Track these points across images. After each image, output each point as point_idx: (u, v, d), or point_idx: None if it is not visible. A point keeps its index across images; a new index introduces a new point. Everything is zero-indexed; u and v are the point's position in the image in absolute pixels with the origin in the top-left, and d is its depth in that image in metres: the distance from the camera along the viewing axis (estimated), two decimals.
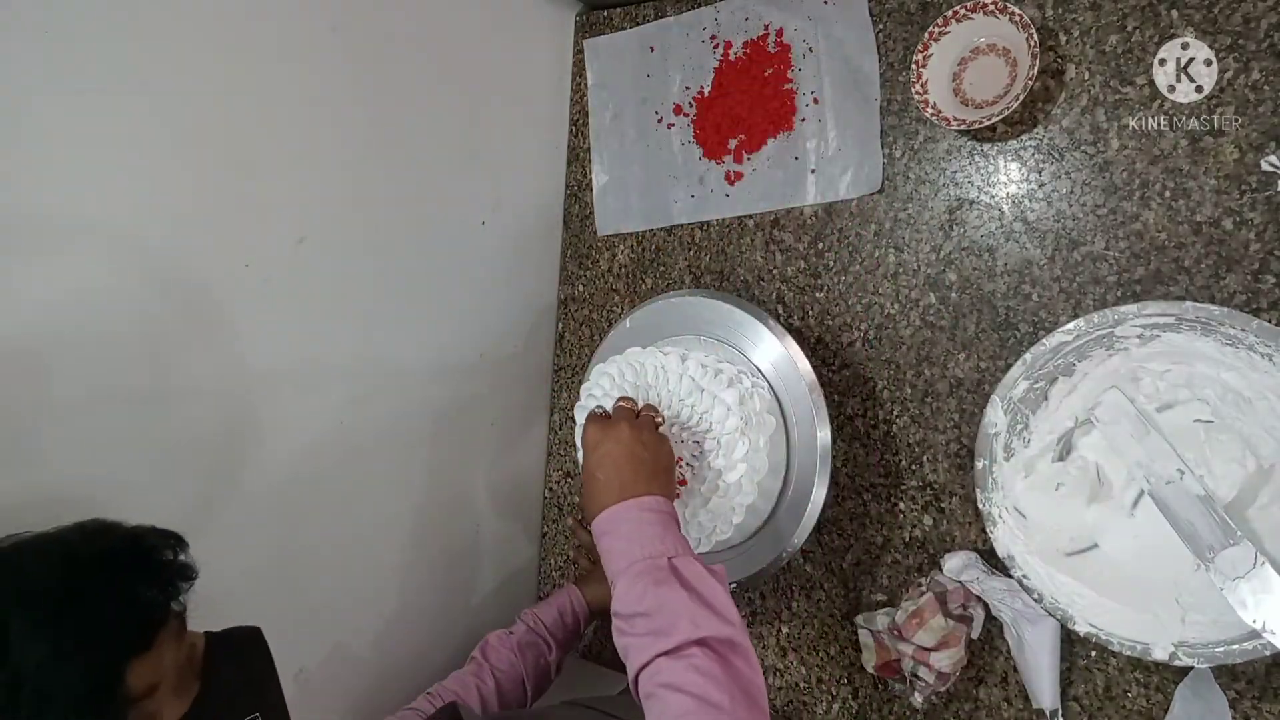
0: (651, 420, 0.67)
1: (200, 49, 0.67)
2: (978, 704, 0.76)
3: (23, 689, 0.41)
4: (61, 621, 0.43)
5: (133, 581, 0.47)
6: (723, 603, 0.55)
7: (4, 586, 0.44)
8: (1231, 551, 0.60)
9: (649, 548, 0.57)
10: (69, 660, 0.43)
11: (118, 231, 0.63)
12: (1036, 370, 0.68)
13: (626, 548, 0.58)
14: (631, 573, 0.56)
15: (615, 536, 0.59)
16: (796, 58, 0.89)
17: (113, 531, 0.49)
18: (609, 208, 1.05)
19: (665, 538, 0.58)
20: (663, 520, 0.59)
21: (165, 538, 0.50)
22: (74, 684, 0.43)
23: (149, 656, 0.46)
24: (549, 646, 0.86)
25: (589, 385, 0.78)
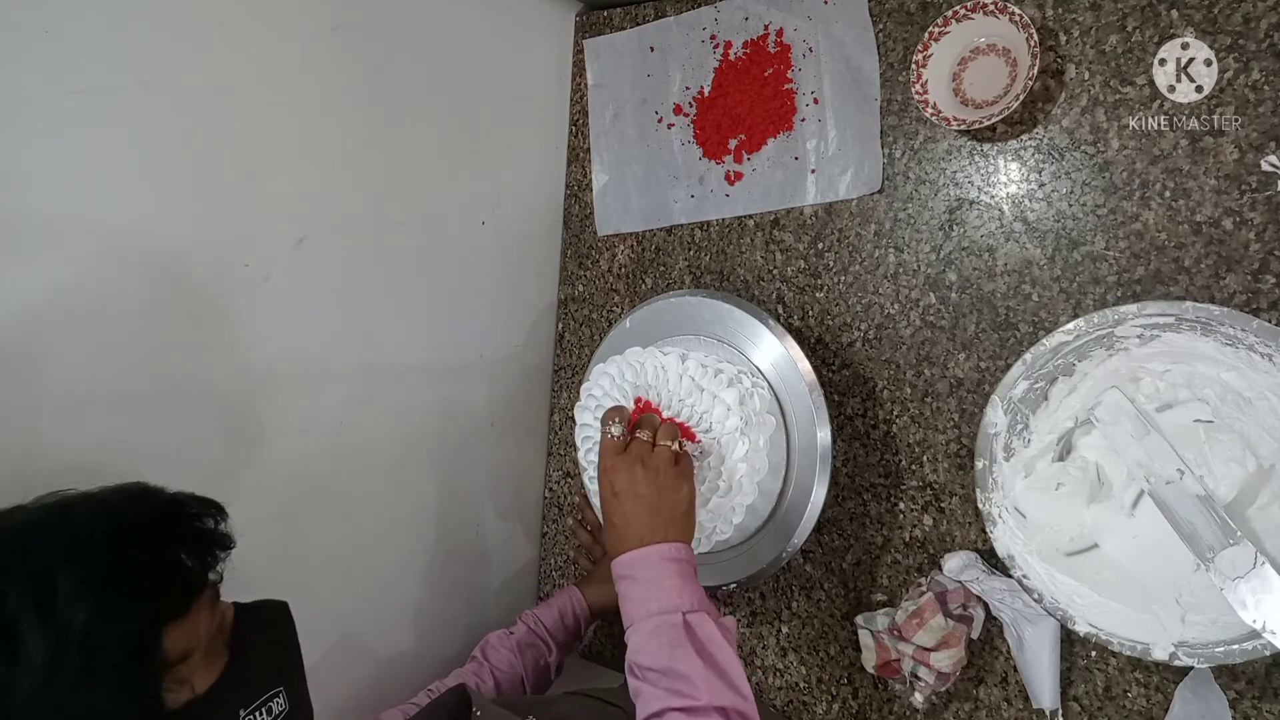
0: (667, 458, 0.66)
1: (200, 49, 0.67)
2: (978, 704, 0.76)
3: (68, 646, 0.41)
4: (108, 582, 0.43)
5: (175, 547, 0.48)
6: (735, 672, 0.57)
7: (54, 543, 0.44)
8: (1231, 551, 0.60)
9: (665, 600, 0.59)
10: (114, 621, 0.43)
11: (118, 231, 0.63)
12: (1036, 370, 0.68)
13: (644, 597, 0.60)
14: (648, 627, 0.58)
15: (633, 583, 0.61)
16: (796, 58, 0.89)
17: (155, 495, 0.50)
18: (609, 208, 1.05)
19: (684, 590, 0.60)
20: (681, 570, 0.61)
21: (206, 505, 0.50)
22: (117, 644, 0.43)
23: (185, 622, 0.47)
24: (549, 647, 0.86)
25: (589, 385, 0.78)
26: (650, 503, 0.63)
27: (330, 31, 0.77)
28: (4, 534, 0.44)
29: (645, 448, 0.66)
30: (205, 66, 0.68)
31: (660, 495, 0.63)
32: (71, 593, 0.42)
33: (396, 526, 0.92)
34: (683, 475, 0.65)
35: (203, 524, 0.50)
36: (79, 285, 0.62)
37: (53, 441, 0.60)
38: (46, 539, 0.44)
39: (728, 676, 0.56)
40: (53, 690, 0.40)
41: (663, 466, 0.64)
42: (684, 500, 0.64)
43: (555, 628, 0.87)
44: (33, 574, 0.42)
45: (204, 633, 0.49)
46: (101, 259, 0.63)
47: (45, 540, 0.44)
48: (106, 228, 0.63)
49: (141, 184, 0.65)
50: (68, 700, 0.41)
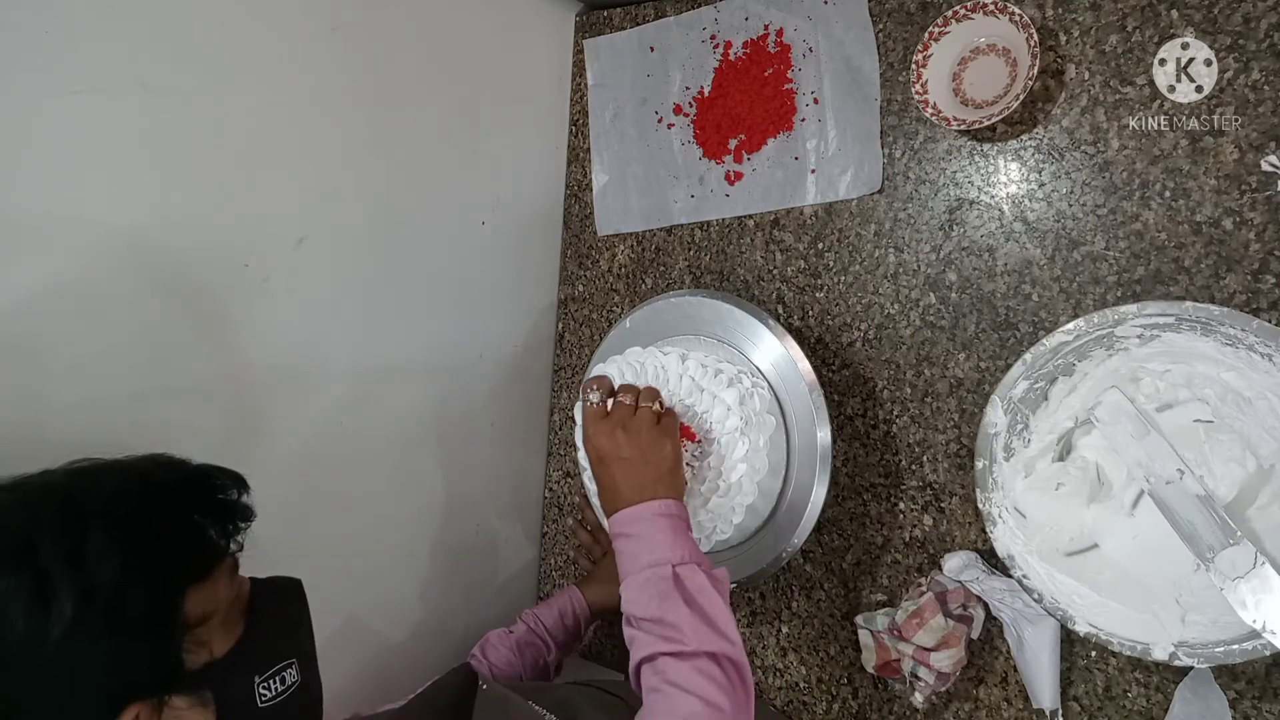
0: (649, 417, 0.67)
1: (200, 49, 0.67)
2: (978, 704, 0.76)
3: (96, 599, 0.42)
4: (135, 540, 0.45)
5: (199, 515, 0.49)
6: (723, 619, 0.59)
7: (87, 500, 0.45)
8: (1231, 551, 0.60)
9: (657, 554, 0.61)
10: (139, 579, 0.44)
11: (118, 231, 0.63)
12: (1036, 370, 0.68)
13: (636, 552, 0.62)
14: (639, 580, 0.60)
15: (627, 539, 0.63)
16: (796, 58, 0.89)
17: (182, 465, 0.51)
18: (609, 208, 1.05)
19: (675, 544, 0.62)
20: (672, 525, 0.63)
21: (230, 477, 0.52)
22: (141, 601, 0.44)
23: (206, 587, 0.48)
24: (548, 647, 0.86)
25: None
26: (635, 463, 0.65)
27: (330, 31, 0.77)
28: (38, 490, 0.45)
29: (627, 411, 0.68)
30: (205, 66, 0.68)
31: (644, 455, 0.65)
32: (101, 549, 0.43)
33: (396, 526, 0.92)
34: (665, 433, 0.67)
35: (226, 495, 0.51)
36: (79, 285, 0.61)
37: (53, 441, 0.60)
38: (78, 497, 0.45)
39: (715, 624, 0.58)
40: (80, 641, 0.42)
41: (644, 427, 0.66)
42: (669, 458, 0.66)
43: (555, 627, 0.87)
44: (65, 528, 0.43)
45: (223, 599, 0.50)
46: (101, 259, 0.63)
47: (77, 498, 0.45)
48: (106, 228, 0.63)
49: (142, 184, 0.65)
50: (93, 651, 0.42)
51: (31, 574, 0.41)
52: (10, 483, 0.46)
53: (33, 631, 0.40)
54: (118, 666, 0.44)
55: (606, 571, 0.92)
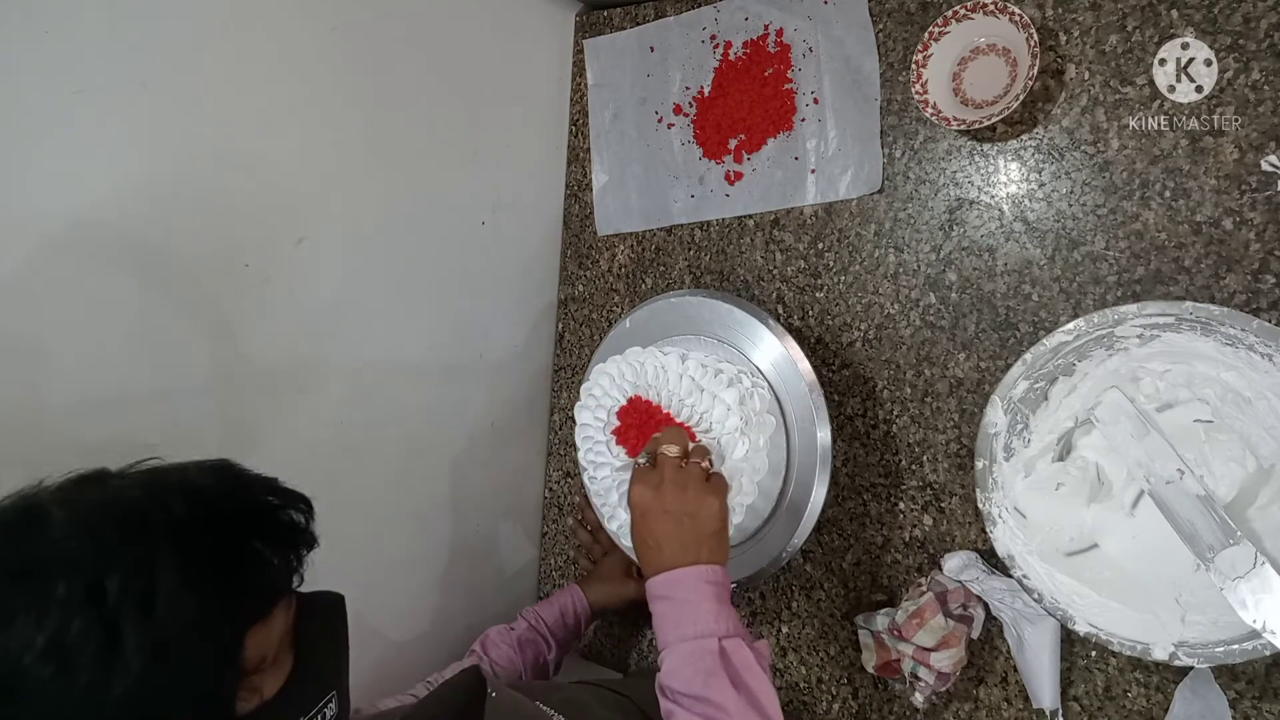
0: (699, 473, 0.65)
1: (200, 49, 0.67)
2: (978, 704, 0.76)
3: (164, 654, 0.37)
4: (208, 585, 0.40)
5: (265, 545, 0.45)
6: (769, 700, 0.57)
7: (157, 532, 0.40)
8: (1231, 551, 0.60)
9: (701, 625, 0.58)
10: (209, 626, 0.40)
11: (117, 231, 0.63)
12: (1036, 370, 0.68)
13: (679, 619, 0.59)
14: (682, 651, 0.57)
15: (669, 604, 0.60)
16: (796, 58, 0.89)
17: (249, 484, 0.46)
18: (609, 208, 1.05)
19: (719, 615, 0.59)
20: (717, 593, 0.60)
21: (295, 499, 0.48)
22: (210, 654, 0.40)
23: (265, 627, 0.44)
24: (548, 645, 0.86)
25: (589, 385, 0.78)
26: (679, 519, 0.61)
27: (330, 31, 0.77)
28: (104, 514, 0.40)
29: (674, 465, 0.64)
30: (205, 66, 0.68)
31: (688, 510, 0.61)
32: (173, 597, 0.38)
33: (396, 526, 0.92)
34: (714, 491, 0.63)
35: (293, 519, 0.47)
36: (79, 285, 0.61)
37: (53, 442, 0.60)
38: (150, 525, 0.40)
39: (761, 707, 0.56)
40: (143, 695, 0.37)
41: (693, 483, 0.63)
42: (716, 517, 0.62)
43: (556, 625, 0.87)
44: (136, 565, 0.38)
45: (278, 637, 0.46)
46: (101, 259, 0.63)
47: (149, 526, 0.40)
48: (106, 228, 0.63)
49: (141, 184, 0.65)
50: (154, 706, 0.38)
51: (100, 622, 0.36)
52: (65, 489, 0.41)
53: (96, 683, 0.36)
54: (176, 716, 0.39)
55: (607, 571, 0.92)
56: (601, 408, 0.77)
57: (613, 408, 0.76)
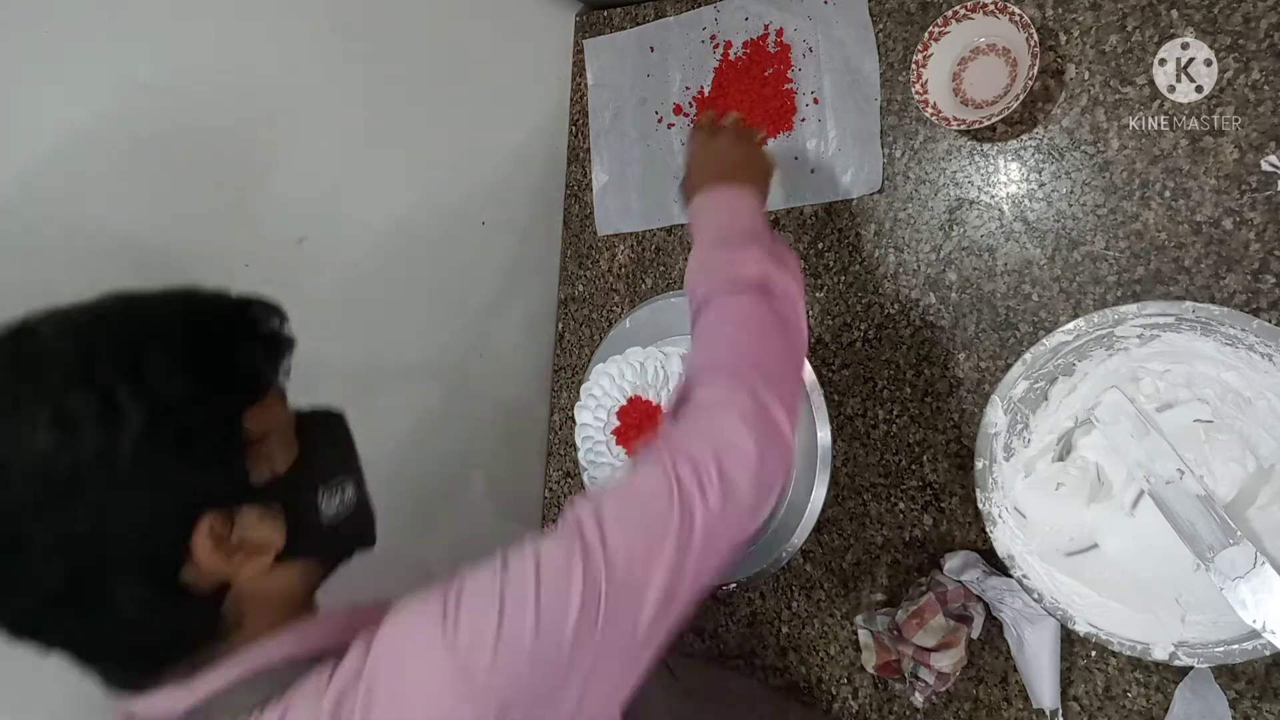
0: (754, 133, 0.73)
1: (199, 48, 0.67)
2: (978, 704, 0.76)
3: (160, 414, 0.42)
4: (191, 359, 0.44)
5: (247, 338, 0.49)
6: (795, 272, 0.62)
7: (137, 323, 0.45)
8: (1231, 551, 0.60)
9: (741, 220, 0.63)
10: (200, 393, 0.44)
11: (117, 231, 0.63)
12: (1036, 370, 0.68)
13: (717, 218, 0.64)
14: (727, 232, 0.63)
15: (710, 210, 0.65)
16: (796, 57, 0.89)
17: (224, 297, 0.51)
18: (609, 208, 1.05)
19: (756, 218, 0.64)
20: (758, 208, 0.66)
21: (271, 309, 0.52)
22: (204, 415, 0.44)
23: (260, 407, 0.48)
24: None
25: (589, 385, 0.78)
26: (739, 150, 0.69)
27: (330, 31, 0.77)
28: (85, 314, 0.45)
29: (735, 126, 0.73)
30: (205, 66, 0.68)
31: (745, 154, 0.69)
32: (159, 368, 0.43)
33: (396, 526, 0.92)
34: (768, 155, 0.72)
35: (268, 325, 0.51)
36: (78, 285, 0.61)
37: None
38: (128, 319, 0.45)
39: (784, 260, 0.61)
40: (150, 455, 0.41)
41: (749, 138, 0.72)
42: (766, 163, 0.71)
43: None
44: (121, 349, 0.43)
45: (278, 418, 0.50)
46: (100, 259, 0.63)
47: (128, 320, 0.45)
48: (105, 228, 0.63)
49: (141, 184, 0.65)
50: (165, 464, 0.42)
51: (95, 393, 0.40)
52: (45, 314, 0.45)
53: (105, 448, 0.40)
54: (189, 478, 0.44)
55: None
56: (601, 408, 0.77)
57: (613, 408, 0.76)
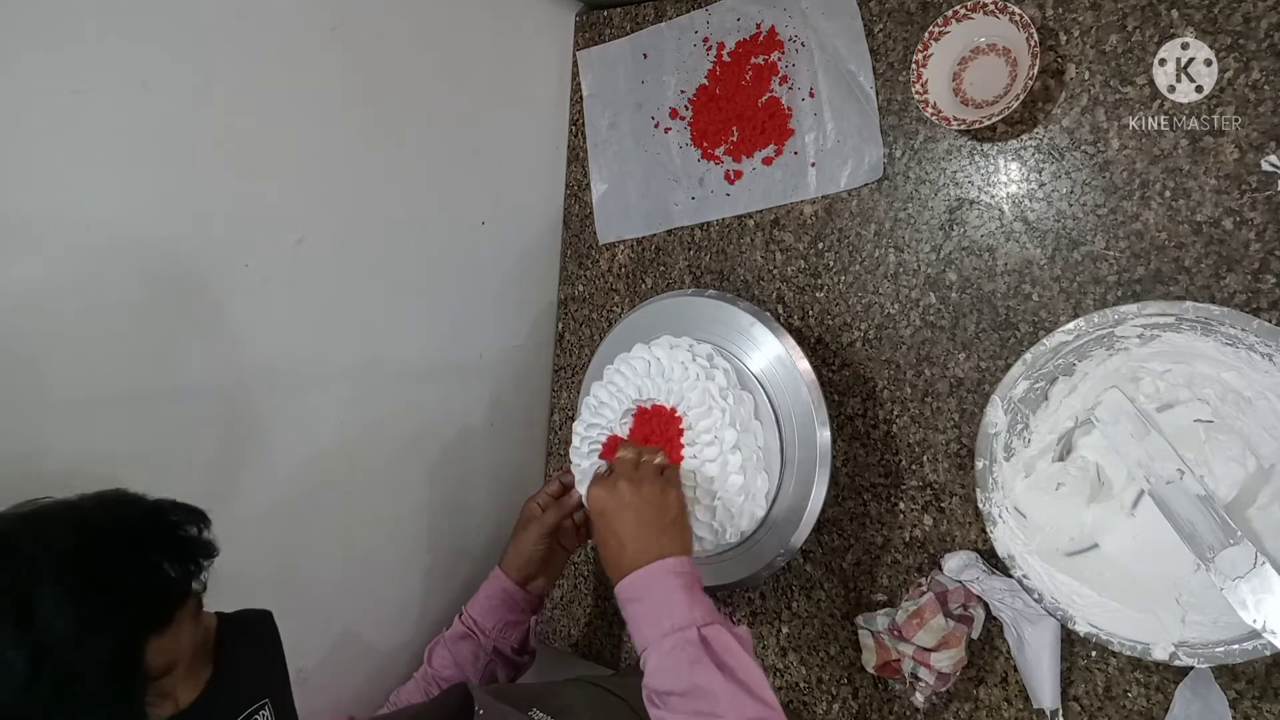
0: (652, 469, 0.66)
1: (199, 48, 0.67)
2: (978, 704, 0.76)
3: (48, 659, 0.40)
4: (88, 595, 0.42)
5: (156, 557, 0.46)
6: (757, 681, 0.56)
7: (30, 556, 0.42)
8: (1231, 551, 0.60)
9: (677, 617, 0.58)
10: (94, 634, 0.42)
11: (117, 231, 0.63)
12: (1036, 370, 0.68)
13: (655, 617, 0.58)
14: (664, 647, 0.57)
15: (641, 605, 0.60)
16: (790, 54, 0.89)
17: (135, 504, 0.48)
18: (609, 215, 1.05)
19: (692, 604, 0.58)
20: (686, 583, 0.60)
21: (188, 513, 0.49)
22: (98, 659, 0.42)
23: (167, 635, 0.46)
24: (480, 638, 0.83)
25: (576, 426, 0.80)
26: (638, 512, 0.62)
27: (330, 31, 0.77)
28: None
29: (628, 465, 0.66)
30: (205, 66, 0.68)
31: (645, 502, 0.62)
32: (50, 605, 0.41)
33: (397, 526, 0.92)
34: (669, 482, 0.65)
35: (185, 531, 0.48)
36: (78, 285, 0.62)
37: (53, 442, 0.60)
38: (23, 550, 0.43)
39: (749, 688, 0.55)
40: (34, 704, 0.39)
41: (647, 477, 0.64)
42: (673, 505, 0.63)
43: (483, 614, 0.83)
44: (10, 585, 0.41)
45: (187, 645, 0.48)
46: (101, 259, 0.63)
47: (22, 551, 0.42)
48: (106, 227, 0.63)
49: (141, 184, 0.65)
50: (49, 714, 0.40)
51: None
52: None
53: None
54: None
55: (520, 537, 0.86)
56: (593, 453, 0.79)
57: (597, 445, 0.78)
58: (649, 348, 0.77)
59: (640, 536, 0.61)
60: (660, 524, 0.62)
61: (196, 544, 0.49)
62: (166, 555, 0.47)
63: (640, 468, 0.66)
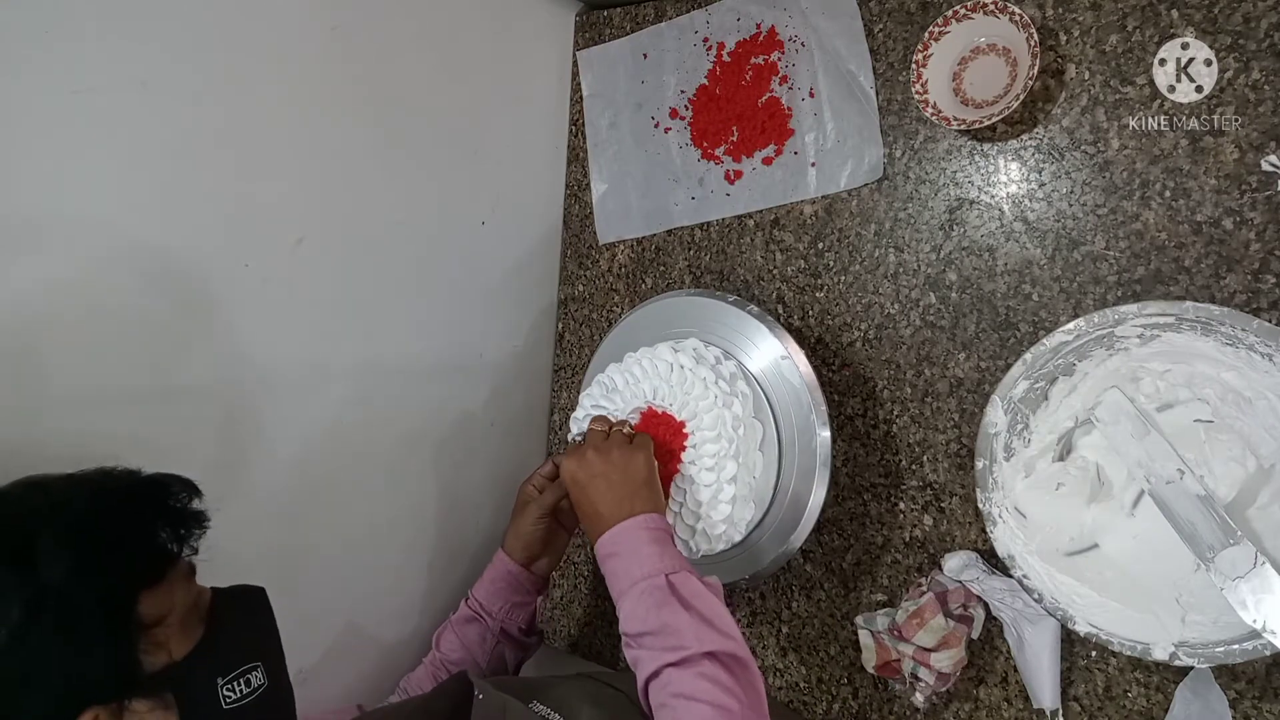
0: (620, 436, 0.70)
1: (200, 48, 0.67)
2: (978, 704, 0.76)
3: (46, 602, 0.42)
4: (86, 543, 0.44)
5: (150, 519, 0.49)
6: (722, 618, 0.60)
7: (35, 505, 0.45)
8: (1231, 551, 0.60)
9: (646, 566, 0.62)
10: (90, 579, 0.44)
11: (117, 231, 0.63)
12: (1036, 370, 0.68)
13: (626, 569, 0.63)
14: (634, 594, 0.61)
15: (616, 559, 0.64)
16: (790, 54, 0.89)
17: (131, 474, 0.51)
18: (609, 215, 1.05)
19: (662, 555, 0.63)
20: (655, 537, 0.64)
21: (180, 483, 0.52)
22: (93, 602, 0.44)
23: (160, 590, 0.48)
24: (487, 620, 0.83)
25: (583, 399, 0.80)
26: (608, 478, 0.66)
27: (330, 31, 0.77)
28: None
29: (598, 435, 0.71)
30: (205, 66, 0.68)
31: (614, 468, 0.67)
32: (49, 553, 0.43)
33: (397, 525, 0.92)
34: (638, 448, 0.69)
35: (178, 501, 0.51)
36: (79, 285, 0.61)
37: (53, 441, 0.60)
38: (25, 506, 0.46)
39: (714, 624, 0.58)
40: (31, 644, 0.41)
41: (615, 445, 0.68)
42: (641, 469, 0.67)
43: (488, 598, 0.84)
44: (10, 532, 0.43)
45: (179, 602, 0.50)
46: (101, 259, 0.63)
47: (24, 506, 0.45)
48: (106, 227, 0.63)
49: (141, 184, 0.65)
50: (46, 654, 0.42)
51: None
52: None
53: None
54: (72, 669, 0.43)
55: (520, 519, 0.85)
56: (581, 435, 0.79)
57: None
58: (676, 352, 0.76)
59: (612, 500, 0.65)
60: (630, 487, 0.66)
61: (187, 512, 0.51)
62: (159, 518, 0.50)
63: (610, 437, 0.70)
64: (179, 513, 0.51)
